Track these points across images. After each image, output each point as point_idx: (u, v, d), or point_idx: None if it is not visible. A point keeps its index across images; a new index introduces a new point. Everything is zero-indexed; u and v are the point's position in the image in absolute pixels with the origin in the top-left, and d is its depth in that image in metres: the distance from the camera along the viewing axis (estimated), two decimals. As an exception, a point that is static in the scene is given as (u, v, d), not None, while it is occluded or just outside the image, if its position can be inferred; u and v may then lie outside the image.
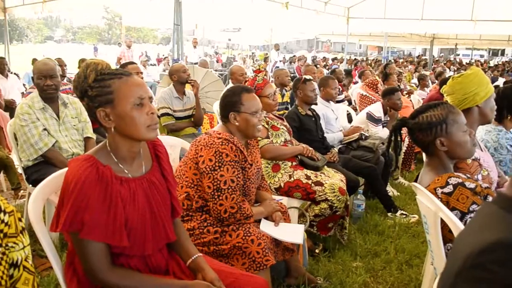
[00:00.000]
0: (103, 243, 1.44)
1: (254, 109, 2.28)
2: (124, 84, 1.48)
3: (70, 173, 1.44)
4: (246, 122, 2.27)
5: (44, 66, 3.10)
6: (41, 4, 10.54)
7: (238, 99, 2.28)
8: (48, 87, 3.07)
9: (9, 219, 1.22)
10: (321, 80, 4.35)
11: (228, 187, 2.10)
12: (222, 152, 2.13)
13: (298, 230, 2.41)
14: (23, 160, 3.13)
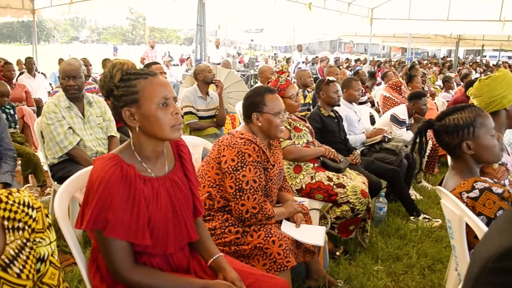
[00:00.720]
0: (126, 241, 1.46)
1: (277, 110, 2.28)
2: (149, 84, 1.49)
3: (95, 172, 1.46)
4: (269, 123, 2.27)
5: (69, 67, 3.16)
6: (68, 5, 10.75)
7: (261, 100, 2.28)
8: (71, 87, 3.13)
9: (36, 215, 1.25)
10: (344, 81, 4.32)
11: (250, 187, 2.11)
12: (244, 153, 2.13)
13: (319, 232, 2.39)
14: (49, 158, 3.20)
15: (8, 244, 1.17)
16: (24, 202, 1.23)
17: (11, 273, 1.14)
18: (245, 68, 12.78)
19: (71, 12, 11.34)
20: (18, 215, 1.21)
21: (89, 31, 69.89)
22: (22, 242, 1.21)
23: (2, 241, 1.16)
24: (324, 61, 14.41)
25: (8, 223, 1.18)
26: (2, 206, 1.19)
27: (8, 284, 1.13)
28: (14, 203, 1.21)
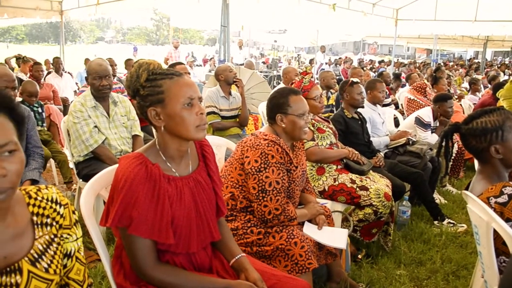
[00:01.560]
0: (150, 239, 1.48)
1: (301, 111, 2.27)
2: (175, 84, 1.50)
3: (120, 170, 1.48)
4: (293, 124, 2.26)
5: (99, 67, 3.20)
6: (94, 6, 10.95)
7: (285, 101, 2.28)
8: (103, 87, 3.19)
9: (64, 211, 1.28)
10: (368, 83, 4.28)
11: (273, 188, 2.11)
12: (268, 154, 2.13)
13: (341, 234, 2.37)
14: (75, 156, 3.26)
15: (37, 239, 1.20)
16: (52, 198, 1.26)
17: (39, 267, 1.17)
18: (268, 69, 12.78)
19: (97, 13, 11.55)
20: (47, 211, 1.24)
21: (114, 32, 71.04)
22: (50, 237, 1.23)
23: (31, 236, 1.19)
24: (348, 63, 14.29)
25: (37, 219, 1.21)
26: (32, 202, 1.22)
27: (37, 278, 1.16)
28: (43, 199, 1.24)
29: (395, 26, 13.40)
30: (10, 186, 1.04)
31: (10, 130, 1.06)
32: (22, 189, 1.23)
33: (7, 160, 1.03)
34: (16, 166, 1.05)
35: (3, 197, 1.03)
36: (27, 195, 1.22)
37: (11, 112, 1.08)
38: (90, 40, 62.48)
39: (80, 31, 63.34)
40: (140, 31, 65.46)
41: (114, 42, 61.82)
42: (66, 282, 1.33)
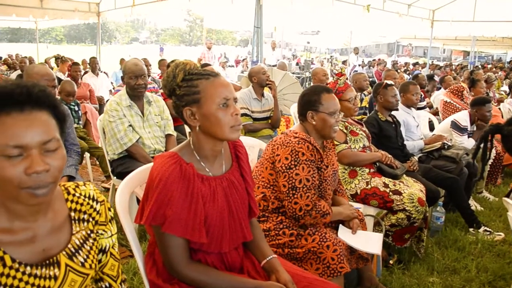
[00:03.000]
0: (183, 238, 1.49)
1: (332, 110, 2.26)
2: (211, 84, 1.51)
3: (155, 169, 1.50)
4: (323, 122, 2.26)
5: (136, 67, 3.27)
6: (130, 8, 11.20)
7: (317, 98, 2.28)
8: (139, 86, 3.25)
9: (100, 208, 1.31)
10: (402, 85, 4.20)
11: (303, 185, 2.10)
12: (298, 151, 2.13)
13: (376, 239, 2.34)
14: (110, 154, 3.33)
15: (74, 234, 1.23)
16: (90, 195, 1.29)
17: (76, 261, 1.20)
18: (300, 70, 12.72)
19: (133, 14, 11.81)
20: (84, 207, 1.27)
21: (149, 32, 72.33)
22: (87, 233, 1.27)
23: (68, 231, 1.23)
24: (381, 64, 14.07)
25: (75, 215, 1.25)
26: (70, 198, 1.25)
27: (74, 271, 1.19)
28: (81, 195, 1.27)
29: (431, 28, 13.11)
30: (53, 181, 1.07)
31: (53, 127, 1.09)
32: (61, 185, 1.27)
33: (50, 156, 1.06)
34: (59, 162, 1.08)
35: (45, 191, 1.06)
36: (65, 191, 1.26)
37: (54, 109, 1.11)
38: (125, 41, 63.89)
39: (116, 32, 64.88)
40: (174, 32, 66.44)
41: (148, 43, 62.97)
42: (100, 277, 1.36)
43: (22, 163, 1.02)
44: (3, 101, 1.02)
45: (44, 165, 1.03)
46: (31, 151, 1.03)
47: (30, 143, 1.02)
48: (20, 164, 1.02)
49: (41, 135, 1.04)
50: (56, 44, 47.36)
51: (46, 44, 37.08)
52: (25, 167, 1.02)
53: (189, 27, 64.25)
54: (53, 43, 49.54)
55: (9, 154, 1.00)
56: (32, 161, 1.02)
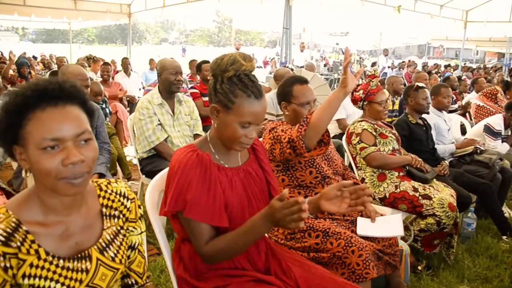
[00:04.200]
0: (206, 224, 1.51)
1: (303, 100, 2.31)
2: (248, 104, 1.49)
3: (174, 159, 1.55)
4: (295, 113, 2.32)
5: (175, 63, 3.37)
6: (160, 9, 11.38)
7: (289, 90, 2.34)
8: (178, 82, 3.32)
9: (131, 205, 1.34)
10: (433, 88, 4.12)
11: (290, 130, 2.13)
12: (274, 127, 2.23)
13: (396, 221, 2.28)
14: (139, 152, 3.39)
15: (105, 229, 1.26)
16: (121, 192, 1.32)
17: (106, 256, 1.24)
18: (329, 72, 12.64)
19: (163, 15, 11.99)
20: (115, 204, 1.30)
21: (178, 33, 73.22)
22: (117, 229, 1.30)
23: (100, 226, 1.26)
24: (411, 66, 13.80)
25: (106, 211, 1.28)
26: (102, 194, 1.29)
27: (104, 265, 1.22)
28: (112, 192, 1.31)
29: (464, 29, 12.80)
30: (87, 170, 1.11)
31: (85, 120, 1.13)
32: (94, 181, 1.31)
33: (84, 147, 1.10)
34: (92, 153, 1.12)
35: (81, 181, 1.10)
36: (98, 187, 1.29)
37: (84, 104, 1.15)
38: (155, 41, 64.89)
39: (146, 33, 65.98)
40: (203, 32, 67.07)
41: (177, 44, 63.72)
42: (127, 273, 1.39)
43: (58, 155, 1.06)
44: (38, 97, 1.07)
45: (80, 155, 1.07)
46: (66, 143, 1.07)
47: (66, 135, 1.07)
48: (57, 156, 1.06)
49: (75, 127, 1.09)
50: (88, 45, 48.54)
51: (78, 45, 38.04)
52: (62, 158, 1.06)
53: (218, 28, 64.73)
54: (85, 43, 50.81)
55: (46, 147, 1.05)
56: (68, 153, 1.06)
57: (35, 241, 1.11)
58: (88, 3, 11.73)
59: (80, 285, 1.16)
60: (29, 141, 1.06)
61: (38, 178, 1.11)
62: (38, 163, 1.06)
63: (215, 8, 11.76)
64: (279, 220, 1.35)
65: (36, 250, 1.11)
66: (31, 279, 1.10)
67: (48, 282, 1.12)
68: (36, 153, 1.05)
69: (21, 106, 1.06)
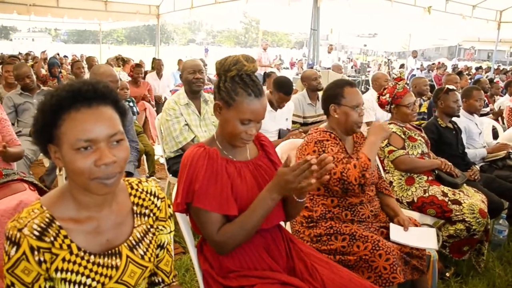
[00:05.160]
0: (216, 214, 1.55)
1: (355, 103, 2.28)
2: (248, 102, 1.56)
3: (184, 156, 1.63)
4: (346, 115, 2.28)
5: (193, 62, 3.42)
6: (188, 10, 11.51)
7: (340, 92, 2.31)
8: (197, 80, 3.34)
9: (161, 204, 1.36)
10: (464, 90, 4.03)
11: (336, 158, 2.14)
12: (321, 140, 2.22)
13: (430, 234, 2.26)
14: (166, 152, 3.43)
15: (135, 227, 1.29)
16: (152, 191, 1.34)
17: (136, 253, 1.26)
18: (356, 74, 12.51)
19: (191, 16, 12.10)
20: (146, 202, 1.32)
21: (205, 34, 73.77)
22: (147, 227, 1.32)
23: (130, 224, 1.28)
24: (441, 68, 13.53)
25: (137, 209, 1.30)
26: (133, 192, 1.31)
27: (134, 263, 1.25)
28: (143, 191, 1.33)
29: (498, 30, 12.44)
30: (119, 171, 1.14)
31: (117, 121, 1.16)
32: (125, 180, 1.33)
33: (116, 148, 1.12)
34: (124, 154, 1.14)
35: (113, 181, 1.13)
36: (129, 186, 1.32)
37: (116, 104, 1.17)
38: (182, 42, 65.59)
39: (173, 33, 66.79)
40: (230, 33, 67.39)
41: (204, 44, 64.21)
42: (155, 271, 1.41)
43: (92, 156, 1.09)
44: (73, 97, 1.09)
45: (112, 156, 1.10)
46: (99, 144, 1.09)
47: (99, 136, 1.09)
48: (90, 157, 1.08)
49: (108, 129, 1.11)
50: (117, 45, 49.42)
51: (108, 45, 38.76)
52: (95, 159, 1.08)
53: (245, 29, 64.90)
54: (114, 44, 51.76)
55: (80, 148, 1.07)
56: (101, 154, 1.09)
57: (68, 236, 1.14)
58: (118, 4, 11.99)
59: (109, 281, 1.19)
60: (64, 141, 1.09)
61: (71, 177, 1.14)
62: (71, 163, 1.08)
63: (243, 9, 11.81)
64: (290, 182, 1.45)
65: (68, 245, 1.14)
66: (63, 273, 1.13)
67: (79, 276, 1.14)
68: (70, 153, 1.08)
69: (56, 107, 1.09)
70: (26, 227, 1.09)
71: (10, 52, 15.64)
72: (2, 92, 4.68)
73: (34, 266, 1.08)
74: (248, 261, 1.62)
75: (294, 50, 45.12)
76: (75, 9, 11.51)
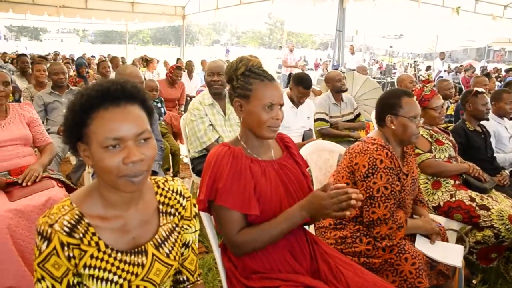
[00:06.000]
0: (237, 212, 1.57)
1: (413, 114, 2.17)
2: (263, 87, 1.64)
3: (209, 155, 1.66)
4: (404, 127, 2.17)
5: (213, 64, 3.44)
6: (214, 11, 11.59)
7: (397, 102, 2.19)
8: (215, 83, 3.35)
9: (186, 203, 1.38)
10: (494, 93, 3.93)
11: (381, 194, 2.04)
12: (376, 158, 2.07)
13: (457, 251, 2.21)
14: (191, 152, 3.46)
15: (161, 226, 1.30)
16: (177, 190, 1.36)
17: (162, 252, 1.27)
18: (382, 75, 12.35)
19: (216, 17, 12.19)
20: (171, 201, 1.34)
21: (229, 35, 74.06)
22: (172, 226, 1.33)
23: (156, 222, 1.30)
24: (469, 71, 13.23)
25: (163, 208, 1.32)
26: (159, 191, 1.33)
27: (159, 261, 1.26)
28: (169, 190, 1.34)
29: (531, 30, 12.09)
30: (147, 169, 1.16)
31: (145, 119, 1.17)
32: (152, 178, 1.35)
33: (143, 146, 1.14)
34: (151, 152, 1.16)
35: (141, 179, 1.14)
36: (155, 184, 1.34)
37: (144, 103, 1.19)
38: (207, 43, 66.01)
39: (198, 34, 67.30)
40: (254, 34, 67.47)
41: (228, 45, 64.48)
42: (180, 270, 1.42)
43: (120, 154, 1.10)
44: (102, 97, 1.11)
45: (140, 155, 1.11)
46: (127, 142, 1.11)
47: (127, 135, 1.11)
48: (118, 155, 1.10)
49: (136, 127, 1.13)
50: (142, 46, 50.11)
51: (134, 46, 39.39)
52: (123, 157, 1.10)
53: (269, 30, 64.87)
54: (140, 44, 52.50)
55: (108, 146, 1.09)
56: (129, 152, 1.10)
57: (96, 233, 1.17)
58: (144, 5, 12.20)
59: (135, 279, 1.21)
60: (93, 140, 1.11)
61: (100, 174, 1.16)
62: (100, 161, 1.10)
63: (268, 10, 11.79)
64: (325, 208, 1.46)
65: (96, 242, 1.16)
66: (91, 269, 1.15)
67: (106, 273, 1.16)
68: (99, 151, 1.10)
69: (86, 106, 1.11)
70: (57, 223, 1.11)
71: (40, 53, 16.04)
72: (33, 91, 4.79)
73: (64, 261, 1.11)
74: (271, 263, 1.62)
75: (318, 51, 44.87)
76: (102, 10, 11.78)
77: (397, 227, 2.04)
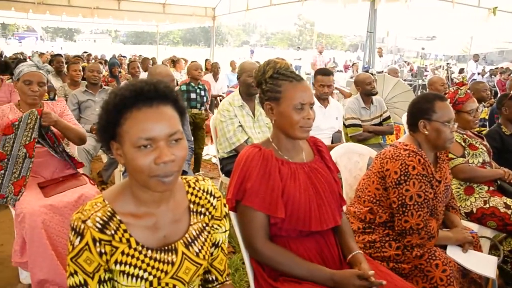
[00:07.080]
0: (262, 214, 1.59)
1: (447, 118, 2.11)
2: (293, 88, 1.65)
3: (239, 155, 1.68)
4: (437, 132, 2.11)
5: (252, 65, 3.42)
6: (244, 12, 11.63)
7: (430, 106, 2.13)
8: None
9: (217, 203, 1.38)
10: (531, 97, 3.80)
11: (414, 202, 1.99)
12: (408, 165, 2.02)
13: (490, 262, 2.14)
14: (220, 152, 3.49)
15: (191, 225, 1.31)
16: (208, 190, 1.37)
17: (191, 251, 1.28)
18: (413, 78, 12.12)
19: (246, 18, 12.23)
20: (202, 201, 1.35)
21: (259, 36, 74.18)
22: (202, 225, 1.34)
23: (187, 221, 1.31)
24: (505, 73, 12.84)
25: (193, 207, 1.33)
26: (190, 191, 1.34)
27: (189, 260, 1.27)
28: (200, 189, 1.36)
29: None
30: (178, 169, 1.17)
31: (177, 120, 1.18)
32: (183, 178, 1.36)
33: (175, 147, 1.15)
34: (182, 152, 1.17)
35: (172, 179, 1.15)
36: (186, 184, 1.35)
37: (176, 104, 1.20)
38: (236, 44, 66.34)
39: (228, 35, 67.73)
40: (283, 35, 67.38)
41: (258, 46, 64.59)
42: (209, 269, 1.43)
43: (151, 154, 1.12)
44: (135, 97, 1.13)
45: (171, 155, 1.12)
46: (159, 142, 1.12)
47: (159, 135, 1.12)
48: (150, 155, 1.12)
49: (168, 128, 1.14)
50: (173, 46, 50.76)
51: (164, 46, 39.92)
52: (155, 157, 1.11)
53: (299, 31, 64.67)
54: (170, 45, 53.21)
55: (141, 146, 1.11)
56: (161, 152, 1.12)
57: (127, 230, 1.19)
58: (175, 7, 12.37)
59: (165, 276, 1.22)
60: (125, 139, 1.13)
61: (132, 173, 1.17)
62: (133, 160, 1.12)
63: (298, 11, 11.76)
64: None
65: (127, 239, 1.18)
66: (122, 265, 1.17)
67: (137, 270, 1.18)
68: (132, 151, 1.12)
69: (119, 106, 1.13)
70: (90, 219, 1.14)
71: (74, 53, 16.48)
72: (67, 90, 4.93)
73: (96, 257, 1.13)
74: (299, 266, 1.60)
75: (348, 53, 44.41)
76: (134, 12, 12.02)
77: (428, 237, 2.00)
